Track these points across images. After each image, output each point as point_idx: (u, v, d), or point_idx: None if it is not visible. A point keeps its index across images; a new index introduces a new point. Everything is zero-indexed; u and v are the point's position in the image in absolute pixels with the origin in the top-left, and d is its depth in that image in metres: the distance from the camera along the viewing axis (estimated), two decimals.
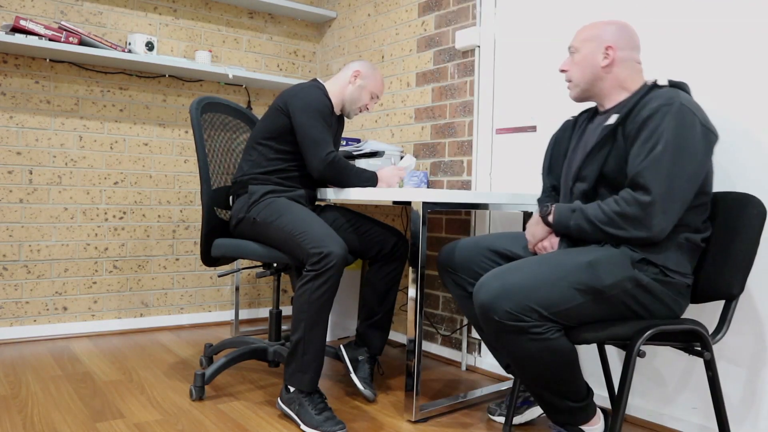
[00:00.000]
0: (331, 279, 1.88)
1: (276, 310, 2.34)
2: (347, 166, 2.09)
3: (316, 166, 2.07)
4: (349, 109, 2.30)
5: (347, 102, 2.28)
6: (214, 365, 2.15)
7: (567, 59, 1.73)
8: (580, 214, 1.56)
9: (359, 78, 2.26)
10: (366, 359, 2.22)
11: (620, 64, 1.64)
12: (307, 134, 2.07)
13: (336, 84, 2.28)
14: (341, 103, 2.29)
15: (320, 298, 1.88)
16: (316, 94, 2.12)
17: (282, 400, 1.95)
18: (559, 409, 1.59)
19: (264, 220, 2.06)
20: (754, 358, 1.77)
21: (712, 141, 1.51)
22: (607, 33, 1.64)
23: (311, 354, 1.89)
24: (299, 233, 1.95)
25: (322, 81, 2.30)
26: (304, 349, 1.89)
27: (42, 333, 2.88)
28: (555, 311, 1.46)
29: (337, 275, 1.90)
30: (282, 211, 2.04)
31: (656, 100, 1.51)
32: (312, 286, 1.88)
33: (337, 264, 1.88)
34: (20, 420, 1.87)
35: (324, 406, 1.87)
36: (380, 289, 2.27)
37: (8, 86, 2.79)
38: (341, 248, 1.89)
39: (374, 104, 2.35)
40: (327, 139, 2.08)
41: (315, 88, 2.15)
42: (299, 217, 2.00)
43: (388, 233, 2.30)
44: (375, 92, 2.30)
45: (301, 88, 2.14)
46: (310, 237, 1.92)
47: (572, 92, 1.73)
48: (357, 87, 2.26)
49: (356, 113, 2.33)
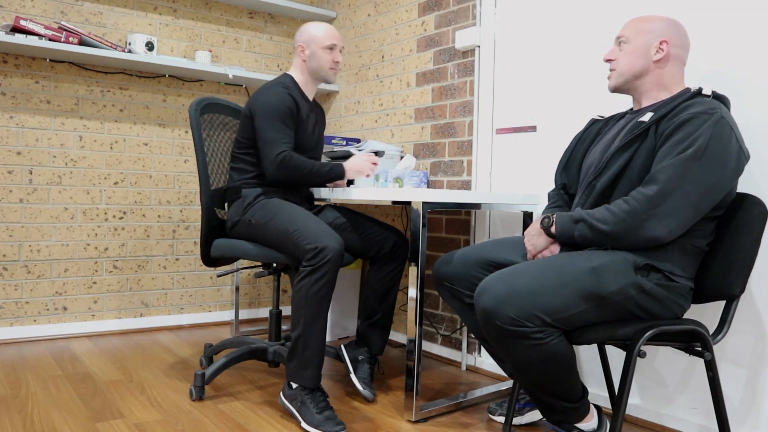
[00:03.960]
0: (328, 273, 1.88)
1: (276, 310, 2.34)
2: (300, 164, 2.06)
3: (267, 167, 2.07)
4: (324, 76, 2.24)
5: (314, 74, 2.24)
6: (214, 365, 2.15)
7: (613, 49, 1.69)
8: (584, 225, 1.54)
9: (306, 48, 2.22)
10: (366, 359, 2.22)
11: (671, 61, 1.62)
12: (261, 137, 2.09)
13: (296, 68, 2.26)
14: (313, 80, 2.26)
15: (318, 292, 1.88)
16: (274, 94, 2.10)
17: (284, 395, 1.95)
18: (554, 409, 1.60)
19: (259, 221, 2.07)
20: (755, 358, 1.77)
21: (743, 161, 1.49)
22: (663, 27, 1.61)
23: (311, 350, 1.89)
24: (294, 231, 1.95)
25: (290, 72, 2.28)
26: (304, 345, 1.89)
27: (42, 333, 2.88)
28: (558, 318, 1.45)
29: (334, 269, 1.89)
30: (276, 211, 2.05)
31: (697, 107, 1.49)
32: (309, 281, 1.88)
33: (333, 258, 1.88)
34: (20, 420, 1.87)
35: (325, 405, 1.87)
36: (380, 288, 2.27)
37: (8, 86, 2.79)
38: (336, 242, 1.89)
39: (340, 54, 2.24)
40: (280, 139, 2.07)
41: (277, 85, 2.14)
42: (293, 215, 2.01)
43: (388, 233, 2.30)
44: (326, 45, 2.21)
45: (264, 88, 2.14)
46: (304, 233, 1.92)
47: (613, 81, 1.68)
48: (309, 56, 2.22)
49: (333, 74, 2.25)
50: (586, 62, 2.22)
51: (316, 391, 1.90)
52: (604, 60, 1.71)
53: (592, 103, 2.20)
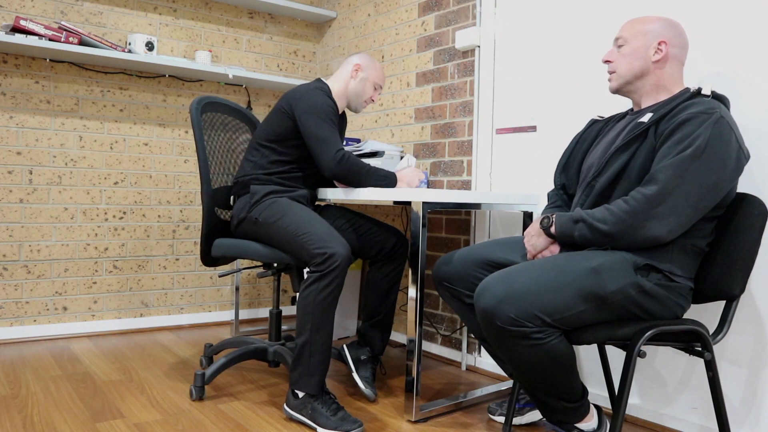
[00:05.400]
0: (336, 280, 1.88)
1: (276, 310, 2.34)
2: (360, 164, 2.07)
3: (327, 164, 2.05)
4: (356, 104, 2.30)
5: (352, 97, 2.28)
6: (214, 365, 2.15)
7: (611, 50, 1.69)
8: (583, 225, 1.54)
9: (360, 71, 2.26)
10: (369, 359, 2.23)
11: (670, 61, 1.61)
12: (314, 134, 2.06)
13: (339, 81, 2.27)
14: (346, 99, 2.30)
15: (326, 299, 1.87)
16: (320, 97, 2.11)
17: (290, 405, 1.92)
18: (554, 409, 1.60)
19: (266, 220, 2.05)
20: (755, 358, 1.77)
21: (743, 161, 1.49)
22: (661, 28, 1.61)
23: (318, 356, 1.88)
24: (302, 233, 1.94)
25: (325, 80, 2.30)
26: (311, 352, 1.87)
27: (42, 333, 2.88)
28: (558, 318, 1.45)
29: (342, 276, 1.89)
30: (284, 211, 2.03)
31: (697, 107, 1.49)
32: (317, 287, 1.87)
33: (342, 264, 1.87)
34: (20, 420, 1.87)
35: (338, 407, 1.86)
36: (381, 288, 2.28)
37: (8, 86, 2.79)
38: (345, 248, 1.88)
39: (378, 95, 2.35)
40: (336, 137, 2.07)
41: (318, 90, 2.14)
42: (302, 217, 1.99)
43: (388, 233, 2.29)
44: (377, 82, 2.30)
45: (306, 89, 2.13)
46: (313, 237, 1.91)
47: (613, 83, 1.69)
48: (360, 80, 2.26)
49: (363, 107, 2.33)
50: (586, 62, 2.22)
51: (325, 395, 1.89)
52: (603, 61, 1.71)
53: (592, 103, 2.20)
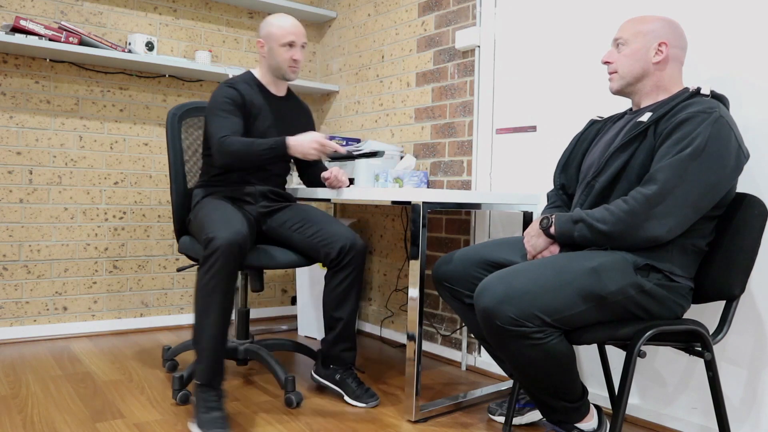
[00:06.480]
0: (216, 264, 1.79)
1: (244, 309, 2.38)
2: (241, 142, 2.02)
3: (214, 157, 2.09)
4: (282, 73, 2.24)
5: (274, 71, 2.25)
6: (189, 368, 2.09)
7: (611, 51, 1.68)
8: (583, 225, 1.54)
9: (264, 45, 2.24)
10: (345, 375, 2.14)
11: (670, 62, 1.61)
12: (208, 133, 2.14)
13: (258, 63, 2.31)
14: (272, 76, 2.27)
15: (207, 284, 1.80)
16: (218, 91, 2.16)
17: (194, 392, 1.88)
18: (554, 409, 1.60)
19: (192, 219, 2.15)
20: (755, 358, 1.77)
21: (742, 160, 1.49)
22: (661, 28, 1.61)
23: (203, 343, 1.81)
24: (204, 224, 1.94)
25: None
26: (197, 338, 1.83)
27: (42, 333, 2.88)
28: (558, 318, 1.45)
29: (223, 260, 1.79)
30: (204, 206, 2.09)
31: (696, 106, 1.49)
32: (200, 272, 1.83)
33: (221, 248, 1.78)
34: (20, 420, 1.87)
35: (215, 406, 1.78)
36: (334, 297, 2.10)
37: (8, 86, 2.78)
38: (229, 233, 1.80)
39: (299, 52, 2.22)
40: (220, 125, 2.08)
41: (223, 84, 2.19)
42: (212, 209, 2.01)
43: (335, 237, 2.08)
44: (283, 41, 2.18)
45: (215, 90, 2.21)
46: (207, 224, 1.91)
47: (614, 84, 1.68)
48: (268, 52, 2.23)
49: (292, 72, 2.23)
50: (586, 62, 2.22)
51: (210, 390, 1.81)
52: (602, 62, 1.70)
53: (592, 103, 2.20)
